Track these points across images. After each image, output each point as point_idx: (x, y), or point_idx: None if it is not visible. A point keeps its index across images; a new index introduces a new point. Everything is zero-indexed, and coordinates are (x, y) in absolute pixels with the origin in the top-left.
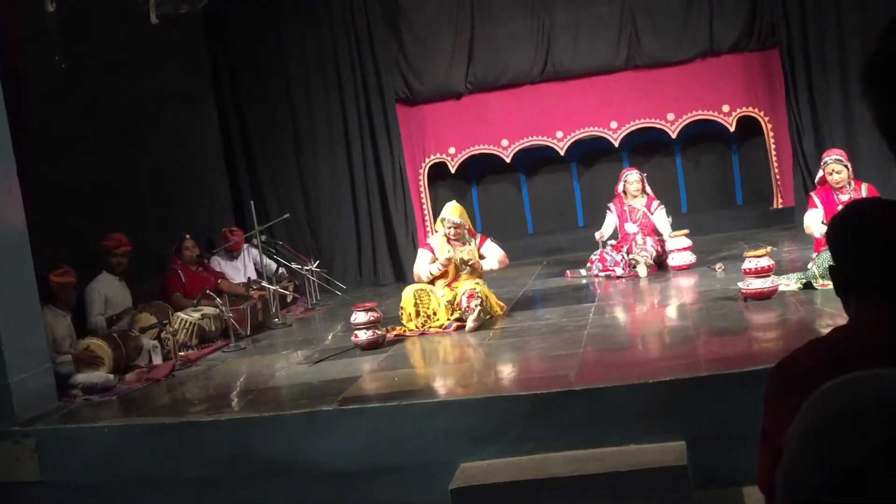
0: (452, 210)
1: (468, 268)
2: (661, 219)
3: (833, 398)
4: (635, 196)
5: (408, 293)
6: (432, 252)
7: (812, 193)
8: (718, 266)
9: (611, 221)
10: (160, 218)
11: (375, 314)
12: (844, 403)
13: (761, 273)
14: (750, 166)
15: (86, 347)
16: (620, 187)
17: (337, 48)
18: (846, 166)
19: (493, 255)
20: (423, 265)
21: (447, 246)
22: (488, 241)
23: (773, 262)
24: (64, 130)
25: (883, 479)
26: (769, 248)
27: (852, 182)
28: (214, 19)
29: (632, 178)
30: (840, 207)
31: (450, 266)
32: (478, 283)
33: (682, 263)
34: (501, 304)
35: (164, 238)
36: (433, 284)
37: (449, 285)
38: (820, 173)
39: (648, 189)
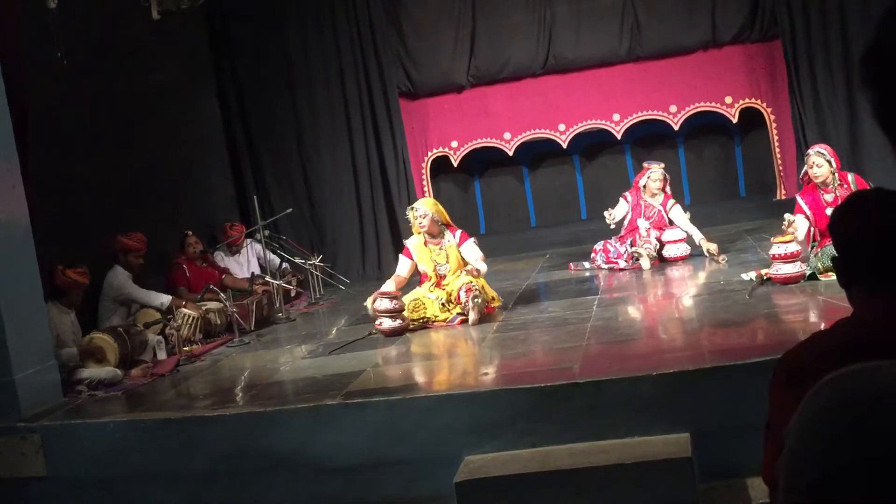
0: (424, 202)
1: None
2: (680, 216)
3: (831, 392)
4: (655, 194)
5: None
6: (410, 257)
7: (798, 196)
8: (721, 257)
9: (623, 208)
10: (163, 213)
11: (399, 302)
12: (843, 397)
13: (789, 258)
14: (753, 158)
15: (90, 341)
16: (642, 181)
17: (339, 41)
18: (828, 161)
19: (474, 258)
20: (382, 291)
21: (425, 249)
22: (469, 241)
23: (800, 248)
24: (66, 126)
25: (882, 474)
26: (794, 233)
27: (837, 177)
28: (216, 14)
29: (655, 176)
30: (827, 209)
31: (431, 270)
32: (472, 279)
33: (678, 255)
34: (496, 295)
35: (168, 234)
36: (421, 285)
37: (438, 285)
38: (804, 168)
39: (668, 188)
